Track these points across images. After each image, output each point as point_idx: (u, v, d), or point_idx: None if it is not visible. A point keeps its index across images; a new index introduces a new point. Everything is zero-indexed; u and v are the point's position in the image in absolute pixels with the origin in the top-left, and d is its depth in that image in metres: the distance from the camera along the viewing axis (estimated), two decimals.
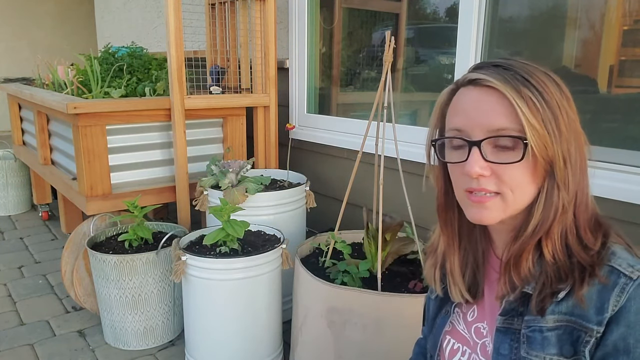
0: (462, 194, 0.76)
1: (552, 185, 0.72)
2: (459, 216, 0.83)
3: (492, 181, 0.73)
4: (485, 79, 0.72)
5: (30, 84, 3.72)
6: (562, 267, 0.72)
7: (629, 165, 1.59)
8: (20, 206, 4.01)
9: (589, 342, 0.69)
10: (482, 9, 1.91)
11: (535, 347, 0.73)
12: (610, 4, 1.64)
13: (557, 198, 0.72)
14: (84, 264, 2.29)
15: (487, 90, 0.72)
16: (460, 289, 0.84)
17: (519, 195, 0.73)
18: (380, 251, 1.68)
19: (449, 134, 0.77)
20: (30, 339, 2.22)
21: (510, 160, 0.71)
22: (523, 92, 0.70)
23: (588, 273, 0.70)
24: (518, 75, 0.71)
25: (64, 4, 6.58)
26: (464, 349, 0.86)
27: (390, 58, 1.67)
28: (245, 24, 2.76)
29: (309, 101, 2.84)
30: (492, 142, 0.72)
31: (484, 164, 0.72)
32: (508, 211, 0.74)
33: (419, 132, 2.19)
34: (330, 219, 2.60)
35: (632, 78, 1.63)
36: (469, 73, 0.76)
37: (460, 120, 0.74)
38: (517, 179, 0.72)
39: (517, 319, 0.76)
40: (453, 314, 0.89)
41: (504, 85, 0.70)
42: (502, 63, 0.74)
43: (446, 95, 0.79)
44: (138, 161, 2.45)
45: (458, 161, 0.75)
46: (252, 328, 1.86)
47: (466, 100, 0.74)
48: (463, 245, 0.84)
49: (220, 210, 1.85)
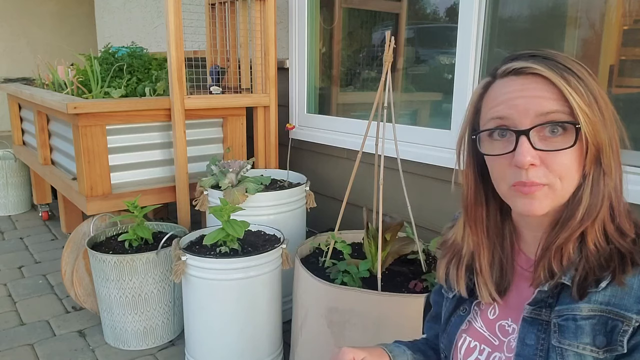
0: (509, 189, 0.74)
1: (598, 172, 0.72)
2: (487, 213, 0.82)
3: (542, 172, 0.71)
4: (530, 66, 0.71)
5: (30, 84, 3.72)
6: (603, 254, 0.72)
7: (629, 165, 1.58)
8: (20, 206, 4.01)
9: (627, 331, 0.68)
10: (482, 9, 1.91)
11: (568, 335, 0.71)
12: (610, 4, 1.64)
13: (604, 185, 0.72)
14: (84, 264, 2.29)
15: (532, 78, 0.71)
16: (490, 289, 0.82)
17: (567, 183, 0.72)
18: (380, 251, 1.68)
19: (488, 125, 0.75)
20: (30, 339, 2.22)
21: (561, 146, 0.70)
22: (568, 78, 0.70)
23: (629, 259, 0.70)
24: (559, 64, 0.71)
25: (64, 4, 6.58)
26: (482, 347, 0.84)
27: (390, 58, 1.67)
28: (245, 24, 2.76)
29: (309, 101, 2.84)
30: (540, 129, 0.71)
31: (534, 153, 0.70)
32: (556, 200, 0.73)
33: (419, 132, 2.19)
34: (330, 219, 2.60)
35: (632, 78, 1.63)
36: (508, 64, 0.75)
37: (504, 109, 0.73)
38: (566, 165, 0.71)
39: (545, 310, 0.75)
40: (472, 312, 0.87)
41: (550, 71, 0.70)
42: (539, 53, 0.73)
43: (481, 88, 0.78)
44: (138, 161, 2.45)
45: (503, 152, 0.73)
46: (252, 328, 1.86)
47: (510, 90, 0.73)
48: (490, 243, 0.83)
49: (220, 210, 1.85)
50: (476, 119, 0.79)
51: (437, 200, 2.09)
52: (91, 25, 5.86)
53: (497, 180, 0.77)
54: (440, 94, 2.20)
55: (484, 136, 0.76)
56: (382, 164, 1.72)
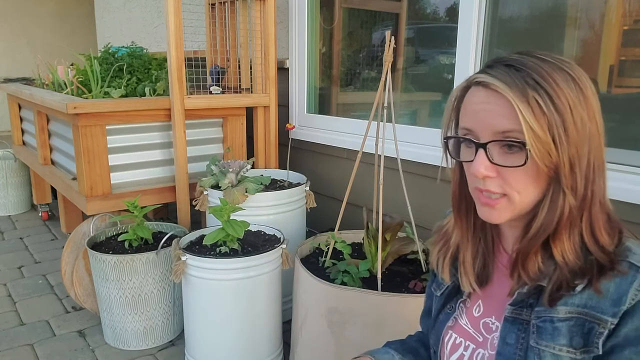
0: (473, 191, 0.78)
1: (557, 190, 0.72)
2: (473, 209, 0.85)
3: (497, 183, 0.74)
4: (490, 82, 0.72)
5: (30, 84, 3.72)
6: (576, 267, 0.73)
7: (629, 165, 1.59)
8: (20, 206, 4.01)
9: (602, 333, 0.70)
10: (482, 9, 1.91)
11: (545, 337, 0.73)
12: (610, 4, 1.64)
13: (563, 202, 0.72)
14: (84, 264, 2.29)
15: (493, 93, 0.72)
16: (470, 279, 0.86)
17: (525, 197, 0.74)
18: (380, 251, 1.68)
19: (460, 132, 0.78)
20: (30, 339, 2.22)
21: (514, 163, 0.72)
22: (530, 95, 0.69)
23: (607, 268, 0.71)
24: (528, 78, 0.70)
25: (64, 4, 6.58)
26: (467, 344, 0.87)
27: (390, 58, 1.67)
28: (245, 24, 2.76)
29: (309, 101, 2.84)
30: (499, 144, 0.73)
31: (489, 165, 0.73)
32: (516, 211, 0.75)
33: (419, 132, 2.19)
34: (330, 219, 2.60)
35: (632, 78, 1.63)
36: (478, 73, 0.76)
37: (469, 120, 0.75)
38: (520, 181, 0.73)
39: (526, 310, 0.77)
40: (457, 310, 0.90)
41: (510, 89, 0.70)
42: (516, 62, 0.72)
43: (459, 91, 0.80)
44: (138, 161, 2.45)
45: (467, 160, 0.77)
46: (252, 328, 1.86)
47: (475, 101, 0.75)
48: (475, 237, 0.86)
49: (220, 210, 1.85)
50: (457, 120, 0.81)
51: (437, 200, 2.09)
52: (91, 25, 5.86)
53: (468, 181, 0.81)
54: (440, 94, 2.20)
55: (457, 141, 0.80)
56: (382, 164, 1.72)
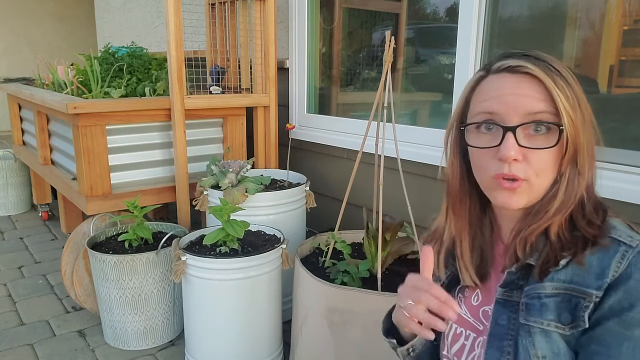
0: (490, 180, 0.78)
1: (574, 172, 0.76)
2: (470, 202, 0.86)
3: (522, 167, 0.75)
4: (524, 65, 0.74)
5: (30, 84, 3.71)
6: (566, 241, 0.75)
7: (629, 165, 1.59)
8: (20, 206, 4.01)
9: (588, 307, 0.72)
10: (482, 9, 1.91)
11: (533, 313, 0.75)
12: (610, 4, 1.64)
13: (577, 184, 0.76)
14: (84, 264, 2.29)
15: (525, 77, 0.75)
16: (470, 272, 0.86)
17: (543, 180, 0.76)
18: (380, 251, 1.68)
19: (477, 118, 0.78)
20: (30, 339, 2.22)
21: (543, 145, 0.74)
22: (557, 80, 0.73)
23: (590, 242, 0.74)
24: (549, 65, 0.75)
25: (64, 4, 6.58)
26: (468, 333, 0.87)
27: (390, 58, 1.67)
28: (245, 24, 2.76)
29: (309, 101, 2.84)
30: (525, 127, 0.74)
31: (518, 149, 0.74)
32: (532, 195, 0.77)
33: (419, 132, 2.19)
34: (330, 219, 2.60)
35: (632, 78, 1.63)
36: (502, 61, 0.78)
37: (493, 104, 0.76)
38: (544, 163, 0.75)
39: (516, 292, 0.79)
40: (456, 299, 0.90)
41: (542, 72, 0.73)
42: (531, 54, 0.77)
43: (473, 82, 0.81)
44: (138, 161, 2.45)
45: (489, 146, 0.77)
46: (252, 328, 1.86)
47: (502, 86, 0.76)
48: (472, 230, 0.87)
49: (220, 210, 1.85)
50: (465, 111, 0.83)
51: (437, 200, 2.08)
52: (91, 25, 5.86)
53: (479, 171, 0.80)
54: (440, 94, 2.20)
55: (472, 128, 0.80)
56: (382, 164, 1.72)
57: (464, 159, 0.85)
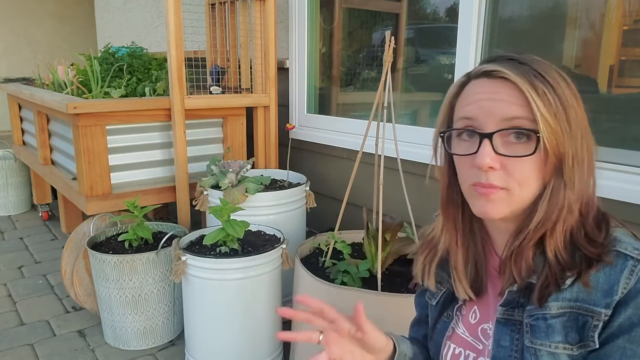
0: (469, 188, 0.75)
1: (558, 183, 0.72)
2: (461, 212, 0.83)
3: (500, 176, 0.71)
4: (500, 70, 0.72)
5: (30, 84, 3.72)
6: (566, 263, 0.72)
7: (629, 165, 1.59)
8: (20, 206, 4.01)
9: (597, 326, 0.69)
10: (482, 9, 1.91)
11: (539, 335, 0.72)
12: (610, 4, 1.64)
13: (563, 196, 0.71)
14: (84, 264, 2.29)
15: (501, 82, 0.72)
16: (465, 286, 0.83)
17: (525, 190, 0.72)
18: (380, 251, 1.68)
19: (458, 124, 0.76)
20: (30, 339, 2.22)
21: (521, 153, 0.70)
22: (537, 85, 0.70)
23: (595, 261, 0.70)
24: (532, 70, 0.71)
25: (64, 4, 6.58)
26: (467, 353, 0.84)
27: (390, 58, 1.67)
28: (245, 24, 2.76)
29: (309, 101, 2.84)
30: (504, 134, 0.71)
31: (494, 156, 0.71)
32: (513, 206, 0.73)
33: (419, 132, 2.19)
34: (330, 219, 2.60)
35: (632, 78, 1.63)
36: (482, 65, 0.75)
37: (472, 109, 0.74)
38: (525, 173, 0.71)
39: (517, 310, 0.76)
40: (454, 317, 0.88)
41: (519, 77, 0.70)
42: (516, 57, 0.73)
43: (456, 87, 0.79)
44: (138, 161, 2.45)
45: (467, 153, 0.74)
46: (252, 328, 1.86)
47: (479, 91, 0.74)
48: (465, 241, 0.84)
49: (220, 210, 1.85)
50: (451, 117, 0.80)
51: (437, 200, 2.09)
52: (91, 26, 5.86)
53: (461, 179, 0.78)
54: (440, 94, 2.20)
55: (454, 135, 0.77)
56: (382, 164, 1.72)
57: (451, 166, 0.82)
